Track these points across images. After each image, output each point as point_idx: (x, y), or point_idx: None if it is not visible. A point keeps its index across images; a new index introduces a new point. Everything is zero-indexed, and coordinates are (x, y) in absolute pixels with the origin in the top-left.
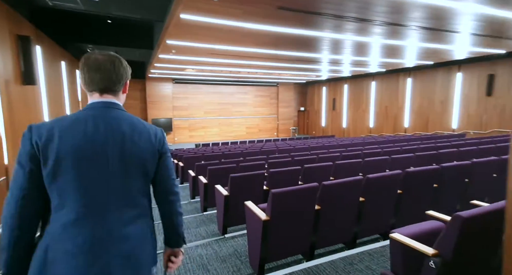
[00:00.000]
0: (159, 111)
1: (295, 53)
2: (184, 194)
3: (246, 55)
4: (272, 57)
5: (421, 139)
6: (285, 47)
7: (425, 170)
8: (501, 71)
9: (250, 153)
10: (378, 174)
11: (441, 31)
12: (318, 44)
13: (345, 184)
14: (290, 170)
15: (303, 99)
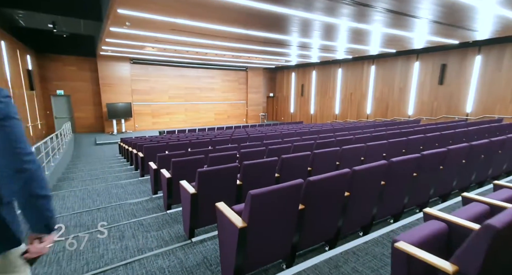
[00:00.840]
0: (116, 95)
1: (265, 33)
2: (145, 188)
3: (213, 33)
4: (241, 37)
5: (385, 125)
6: (254, 26)
7: (407, 159)
8: (452, 61)
9: (220, 141)
10: (365, 166)
11: (403, 15)
12: (288, 24)
13: (331, 179)
14: (266, 162)
15: (272, 85)
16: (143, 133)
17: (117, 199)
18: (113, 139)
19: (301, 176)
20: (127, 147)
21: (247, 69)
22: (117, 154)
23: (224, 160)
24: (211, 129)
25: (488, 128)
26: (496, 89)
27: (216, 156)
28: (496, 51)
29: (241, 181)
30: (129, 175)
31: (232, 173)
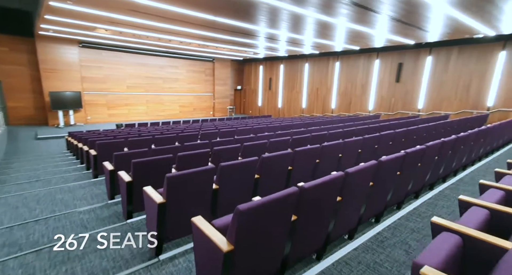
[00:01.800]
0: (62, 83)
1: (232, 21)
2: (99, 191)
3: (178, 17)
4: (208, 24)
5: (352, 120)
6: (222, 11)
7: (395, 158)
8: (408, 60)
9: (188, 137)
10: (357, 167)
11: (366, 10)
12: (256, 12)
13: (326, 183)
14: (244, 163)
15: (240, 77)
16: (97, 126)
17: (63, 207)
18: (60, 133)
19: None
20: (76, 142)
21: (214, 60)
22: (65, 151)
23: (195, 160)
24: (176, 123)
25: (443, 124)
26: (444, 88)
27: (185, 155)
28: (444, 53)
29: (218, 185)
30: (79, 176)
31: (207, 177)
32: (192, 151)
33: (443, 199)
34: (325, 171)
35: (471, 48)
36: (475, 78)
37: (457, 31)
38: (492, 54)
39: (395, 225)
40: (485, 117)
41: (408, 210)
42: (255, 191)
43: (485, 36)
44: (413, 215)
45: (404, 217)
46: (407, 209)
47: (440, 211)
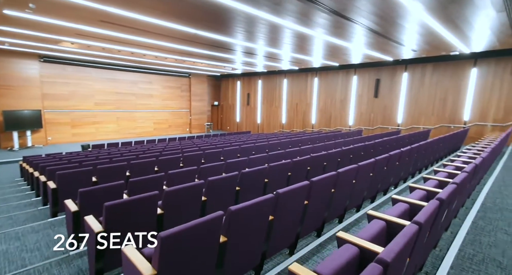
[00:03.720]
0: (17, 101)
1: (210, 34)
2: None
3: (153, 30)
4: (185, 38)
5: (336, 137)
6: (198, 22)
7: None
8: (385, 76)
9: (169, 162)
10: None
11: (343, 19)
12: (233, 22)
13: (257, 205)
14: (192, 186)
15: (217, 93)
16: (59, 147)
17: (6, 264)
18: (13, 157)
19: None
20: (32, 170)
21: (190, 75)
22: (18, 179)
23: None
24: (151, 142)
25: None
26: (421, 103)
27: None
28: (419, 69)
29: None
30: (32, 214)
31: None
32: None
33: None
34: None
35: (445, 65)
36: (451, 94)
37: (435, 47)
38: (465, 70)
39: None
40: (427, 133)
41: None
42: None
43: (460, 54)
44: (354, 226)
45: (345, 228)
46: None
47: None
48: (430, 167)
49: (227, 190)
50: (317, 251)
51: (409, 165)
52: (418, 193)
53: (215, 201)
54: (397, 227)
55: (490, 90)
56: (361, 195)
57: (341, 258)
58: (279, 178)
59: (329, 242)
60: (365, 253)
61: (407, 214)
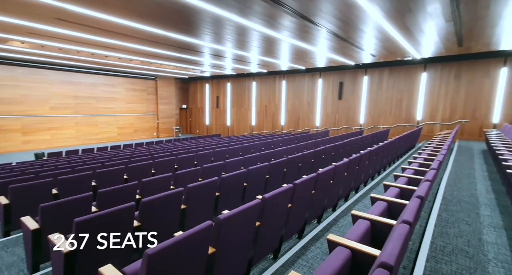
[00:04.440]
0: None
1: (176, 35)
2: (13, 259)
3: (116, 30)
4: (151, 38)
5: (305, 138)
6: (164, 23)
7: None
8: (347, 79)
9: (140, 169)
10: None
11: (307, 21)
12: (200, 23)
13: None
14: (170, 194)
15: (185, 95)
16: (7, 157)
17: None
18: None
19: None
20: None
21: (156, 78)
22: None
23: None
24: (115, 147)
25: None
26: (380, 104)
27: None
28: (377, 73)
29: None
30: None
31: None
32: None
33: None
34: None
35: (399, 69)
36: (405, 96)
37: (391, 52)
38: (416, 74)
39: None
40: (387, 132)
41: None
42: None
43: (413, 59)
44: (333, 226)
45: (325, 228)
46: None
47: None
48: (393, 164)
49: (206, 197)
50: (301, 254)
51: (377, 163)
52: (392, 191)
53: (195, 209)
54: (382, 226)
55: (438, 92)
56: (337, 194)
57: (336, 263)
58: (258, 181)
59: (312, 243)
60: (357, 255)
61: (386, 212)
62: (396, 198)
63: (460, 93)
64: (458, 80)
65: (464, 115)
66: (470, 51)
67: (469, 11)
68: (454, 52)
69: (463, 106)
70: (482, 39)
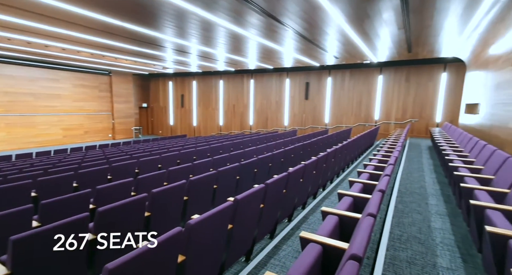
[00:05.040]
0: None
1: (133, 26)
2: None
3: (55, 15)
4: (102, 28)
5: (274, 138)
6: (118, 12)
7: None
8: (313, 80)
9: (93, 174)
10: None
11: (273, 20)
12: (160, 15)
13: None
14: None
15: (145, 93)
16: None
17: None
18: None
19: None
20: None
21: (110, 73)
22: None
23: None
24: (60, 151)
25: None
26: (342, 104)
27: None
28: (340, 74)
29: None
30: None
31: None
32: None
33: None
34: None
35: (359, 72)
36: (364, 97)
37: (352, 55)
38: (373, 77)
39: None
40: (349, 131)
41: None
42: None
43: (371, 62)
44: (303, 223)
45: (296, 226)
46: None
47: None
48: (355, 161)
49: (174, 202)
50: (273, 254)
51: (341, 161)
52: (357, 186)
53: (161, 215)
54: (349, 220)
55: (392, 94)
56: (306, 192)
57: (309, 259)
58: (228, 182)
59: (283, 242)
60: (328, 249)
61: (352, 206)
62: (360, 193)
63: (410, 95)
64: (408, 83)
65: (414, 115)
66: (418, 57)
67: (416, 20)
68: (405, 57)
69: (413, 107)
70: (427, 46)
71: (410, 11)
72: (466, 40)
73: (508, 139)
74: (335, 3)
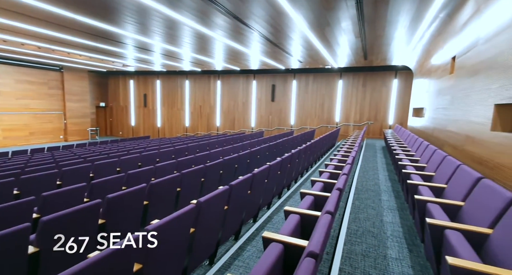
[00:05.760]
0: None
1: (87, 19)
2: None
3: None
4: (48, 19)
5: (241, 139)
6: (67, 2)
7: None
8: (279, 82)
9: (38, 180)
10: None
11: (240, 22)
12: (120, 9)
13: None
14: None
15: (103, 92)
16: None
17: None
18: None
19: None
20: None
21: (62, 69)
22: None
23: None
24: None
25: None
26: (306, 107)
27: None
28: (304, 78)
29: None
30: None
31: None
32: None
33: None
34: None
35: (321, 76)
36: (326, 100)
37: (315, 60)
38: (334, 81)
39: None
40: (313, 132)
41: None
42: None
43: (332, 67)
44: (268, 223)
45: (261, 226)
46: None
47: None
48: (318, 161)
49: (132, 207)
50: (237, 255)
51: (305, 161)
52: (318, 185)
53: (118, 222)
54: (309, 218)
55: (350, 97)
56: (271, 192)
57: (271, 258)
58: (192, 185)
59: (248, 243)
60: (290, 248)
61: (313, 205)
62: (321, 192)
63: (366, 98)
64: (364, 88)
65: (370, 118)
66: (372, 64)
67: (370, 30)
68: (362, 64)
69: (369, 110)
70: (380, 54)
71: (365, 21)
72: (412, 50)
73: (447, 140)
74: (298, 10)
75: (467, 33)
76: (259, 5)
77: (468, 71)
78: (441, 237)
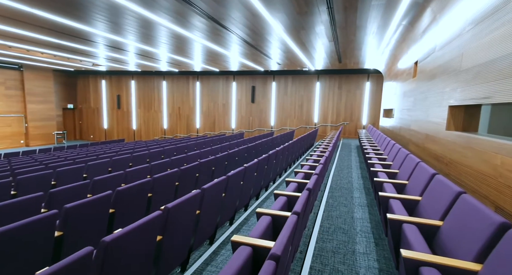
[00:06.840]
0: None
1: (49, 15)
2: None
3: None
4: (1, 11)
5: (221, 141)
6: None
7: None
8: (259, 84)
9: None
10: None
11: (218, 25)
12: (89, 6)
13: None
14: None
15: (71, 93)
16: None
17: None
18: None
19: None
20: None
21: (22, 67)
22: None
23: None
24: None
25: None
26: (286, 108)
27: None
28: (283, 80)
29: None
30: None
31: None
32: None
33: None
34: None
35: (300, 78)
36: (305, 101)
37: (293, 62)
38: (312, 83)
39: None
40: (292, 133)
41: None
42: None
43: (309, 70)
44: (244, 225)
45: (236, 229)
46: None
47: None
48: (297, 161)
49: (95, 217)
50: (211, 260)
51: (283, 162)
52: (292, 186)
53: (77, 233)
54: (281, 219)
55: (327, 99)
56: (248, 194)
57: (238, 262)
58: (166, 190)
59: (222, 247)
60: (258, 250)
61: (286, 205)
62: (294, 192)
63: (342, 100)
64: (340, 90)
65: (346, 118)
66: (347, 67)
67: (343, 34)
68: (337, 67)
69: (344, 111)
70: (353, 58)
71: (337, 26)
72: (381, 55)
73: (411, 138)
74: (274, 14)
75: (426, 39)
76: (235, 7)
77: (427, 75)
78: (399, 230)
